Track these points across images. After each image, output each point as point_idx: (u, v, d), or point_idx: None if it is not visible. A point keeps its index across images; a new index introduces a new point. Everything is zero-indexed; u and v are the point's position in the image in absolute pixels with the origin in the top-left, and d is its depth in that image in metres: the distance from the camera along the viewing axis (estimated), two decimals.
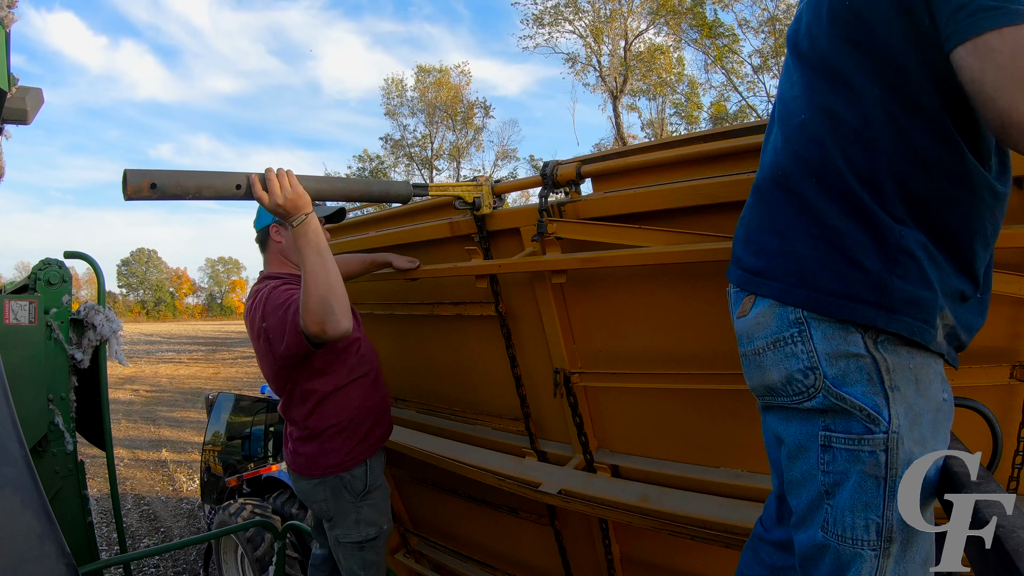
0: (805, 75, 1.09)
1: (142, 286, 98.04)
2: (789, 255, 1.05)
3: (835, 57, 1.02)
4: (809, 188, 1.04)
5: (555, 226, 1.91)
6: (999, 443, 1.10)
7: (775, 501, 1.37)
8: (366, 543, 2.13)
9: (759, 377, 1.12)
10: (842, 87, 1.01)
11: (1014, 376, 1.40)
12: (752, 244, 1.16)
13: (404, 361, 2.97)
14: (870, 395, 0.96)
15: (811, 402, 1.02)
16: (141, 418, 15.45)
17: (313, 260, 1.70)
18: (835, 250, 1.00)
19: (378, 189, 2.04)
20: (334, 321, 1.71)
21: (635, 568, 2.36)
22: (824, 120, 1.03)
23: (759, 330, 1.09)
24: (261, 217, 2.17)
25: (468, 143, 28.34)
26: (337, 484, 2.09)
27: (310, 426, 2.08)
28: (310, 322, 1.71)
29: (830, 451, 1.00)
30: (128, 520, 8.24)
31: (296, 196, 1.67)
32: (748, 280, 1.14)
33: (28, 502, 1.74)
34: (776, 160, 1.13)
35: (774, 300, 1.07)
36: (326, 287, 1.69)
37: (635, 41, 21.91)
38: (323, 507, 2.13)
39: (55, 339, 2.98)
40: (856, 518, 0.98)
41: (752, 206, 1.20)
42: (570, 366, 2.09)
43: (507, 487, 2.24)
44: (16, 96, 2.38)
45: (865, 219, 0.97)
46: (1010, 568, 0.70)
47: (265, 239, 2.17)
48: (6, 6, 2.10)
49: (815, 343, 1.00)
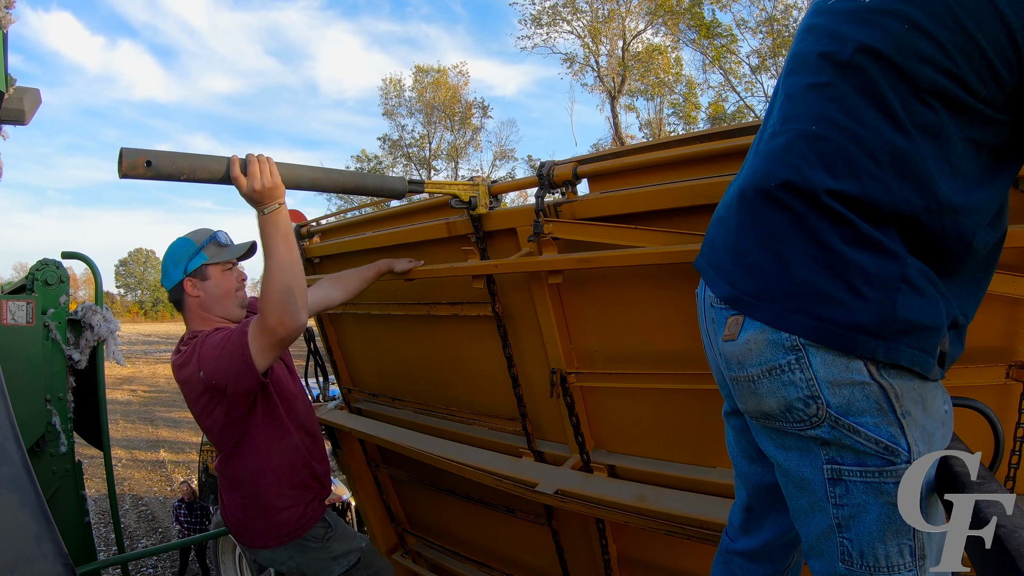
0: (837, 83, 0.99)
1: (140, 286, 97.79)
2: (785, 277, 0.98)
3: (877, 77, 0.94)
4: (811, 208, 0.97)
5: (551, 226, 1.91)
6: (1001, 442, 1.09)
7: (741, 511, 1.34)
8: (351, 570, 2.09)
9: (754, 403, 1.05)
10: (882, 114, 0.93)
11: (1010, 376, 1.40)
12: (741, 257, 1.08)
13: (401, 361, 2.96)
14: (884, 426, 0.92)
15: (814, 431, 0.96)
16: (139, 418, 15.43)
17: (281, 248, 1.67)
18: (836, 276, 0.93)
19: (373, 183, 2.02)
20: (294, 311, 1.67)
21: (632, 568, 2.36)
22: (846, 140, 0.95)
23: (750, 356, 1.02)
24: (169, 275, 2.03)
25: (466, 143, 28.38)
26: (300, 542, 2.01)
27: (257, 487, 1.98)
28: (270, 313, 1.66)
29: (841, 484, 0.96)
30: (126, 520, 8.22)
31: (273, 185, 1.65)
32: (738, 301, 1.06)
33: (26, 502, 1.74)
34: (773, 168, 1.04)
35: (767, 325, 1.00)
36: (291, 276, 1.67)
37: (633, 41, 21.96)
38: (291, 565, 2.04)
39: (53, 339, 2.98)
40: (889, 547, 0.95)
41: (739, 212, 1.10)
42: (567, 366, 2.09)
43: (504, 487, 2.24)
44: (14, 96, 2.37)
45: (869, 246, 0.92)
46: (1010, 568, 0.70)
47: (180, 296, 2.02)
48: (3, 6, 2.10)
49: (815, 371, 0.94)
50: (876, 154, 0.93)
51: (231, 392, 1.79)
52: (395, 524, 3.48)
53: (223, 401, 1.82)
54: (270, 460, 1.97)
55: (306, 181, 1.80)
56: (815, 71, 1.03)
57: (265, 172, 1.63)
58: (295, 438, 2.04)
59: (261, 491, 1.97)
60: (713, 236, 1.21)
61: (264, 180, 1.63)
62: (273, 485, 1.97)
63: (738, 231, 1.10)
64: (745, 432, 1.26)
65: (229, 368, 1.74)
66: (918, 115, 0.91)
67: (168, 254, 2.04)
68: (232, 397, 1.81)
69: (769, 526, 1.30)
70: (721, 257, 1.13)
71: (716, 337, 1.13)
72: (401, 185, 2.03)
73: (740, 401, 1.10)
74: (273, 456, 1.97)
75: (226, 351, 1.75)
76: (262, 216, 1.68)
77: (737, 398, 1.11)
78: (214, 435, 1.95)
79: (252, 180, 1.62)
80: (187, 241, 2.02)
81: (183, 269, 1.99)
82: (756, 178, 1.07)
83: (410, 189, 2.05)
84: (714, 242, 1.18)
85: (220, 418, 1.88)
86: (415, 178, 2.09)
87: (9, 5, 2.12)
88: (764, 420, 1.06)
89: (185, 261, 1.99)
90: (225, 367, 1.75)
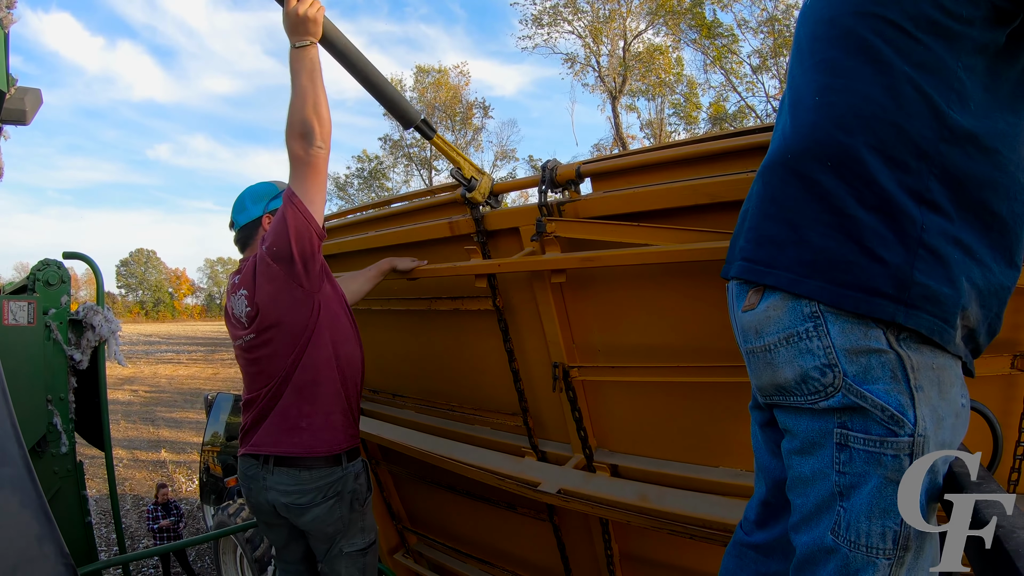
0: (820, 52, 1.04)
1: (141, 287, 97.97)
2: (800, 244, 0.99)
3: (863, 33, 0.98)
4: (824, 172, 0.97)
5: (554, 225, 1.91)
6: (999, 443, 1.10)
7: (758, 506, 1.34)
8: (369, 548, 2.12)
9: (769, 376, 1.05)
10: (869, 64, 0.97)
11: (1015, 366, 1.40)
12: (753, 232, 1.09)
13: (402, 357, 2.97)
14: (894, 394, 0.90)
15: (827, 402, 0.95)
16: (140, 418, 15.44)
17: (304, 83, 1.76)
18: (852, 240, 0.93)
19: (391, 92, 2.04)
20: (312, 137, 1.76)
21: (634, 565, 2.36)
22: (845, 99, 0.98)
23: (769, 324, 1.02)
24: (247, 210, 2.11)
25: (467, 143, 28.33)
26: (351, 497, 2.02)
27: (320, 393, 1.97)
28: (291, 137, 1.77)
29: (847, 450, 0.94)
30: (127, 521, 8.23)
31: (314, 19, 1.76)
32: (750, 270, 1.07)
33: (27, 503, 1.74)
34: (785, 143, 1.06)
35: (785, 292, 1.00)
36: (313, 107, 1.75)
37: (634, 41, 21.94)
38: (339, 526, 2.02)
39: (54, 340, 2.98)
40: (873, 525, 0.92)
41: (756, 195, 1.12)
42: (568, 362, 2.09)
43: (507, 487, 2.24)
44: (15, 96, 2.37)
45: (886, 208, 0.92)
46: (1010, 568, 0.70)
47: (253, 232, 2.10)
48: (5, 7, 2.10)
49: (832, 338, 0.94)
50: (881, 100, 0.94)
51: (297, 252, 1.83)
52: (396, 522, 3.48)
53: (293, 268, 1.85)
54: (339, 361, 2.00)
55: (340, 45, 1.88)
56: (808, 53, 1.09)
57: (315, 6, 1.76)
58: (357, 353, 2.09)
59: (323, 390, 1.97)
60: (736, 232, 1.22)
61: (310, 10, 1.74)
62: (338, 382, 1.99)
63: (754, 212, 1.12)
64: (769, 426, 1.25)
65: (286, 226, 1.81)
66: (911, 54, 0.94)
67: (248, 192, 2.16)
68: (300, 258, 1.84)
69: (785, 521, 1.30)
70: (741, 244, 1.15)
71: (736, 311, 1.14)
72: (414, 114, 2.06)
73: (756, 376, 1.10)
74: (342, 359, 2.00)
75: (279, 217, 1.85)
76: (293, 50, 1.79)
77: (753, 374, 1.11)
78: (285, 332, 1.92)
79: (301, 4, 1.74)
80: (271, 184, 2.16)
81: (264, 207, 2.11)
82: (771, 156, 1.11)
83: (421, 125, 2.08)
84: (736, 237, 1.21)
85: (296, 295, 1.89)
86: (429, 122, 2.11)
87: (10, 5, 2.12)
88: (779, 396, 1.05)
89: (267, 200, 2.11)
90: (282, 227, 1.82)
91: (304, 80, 1.76)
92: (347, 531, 2.06)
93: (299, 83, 1.76)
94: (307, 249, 1.84)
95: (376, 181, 30.01)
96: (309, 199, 1.82)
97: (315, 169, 1.80)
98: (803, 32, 1.14)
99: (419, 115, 2.06)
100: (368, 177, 30.13)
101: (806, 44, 1.10)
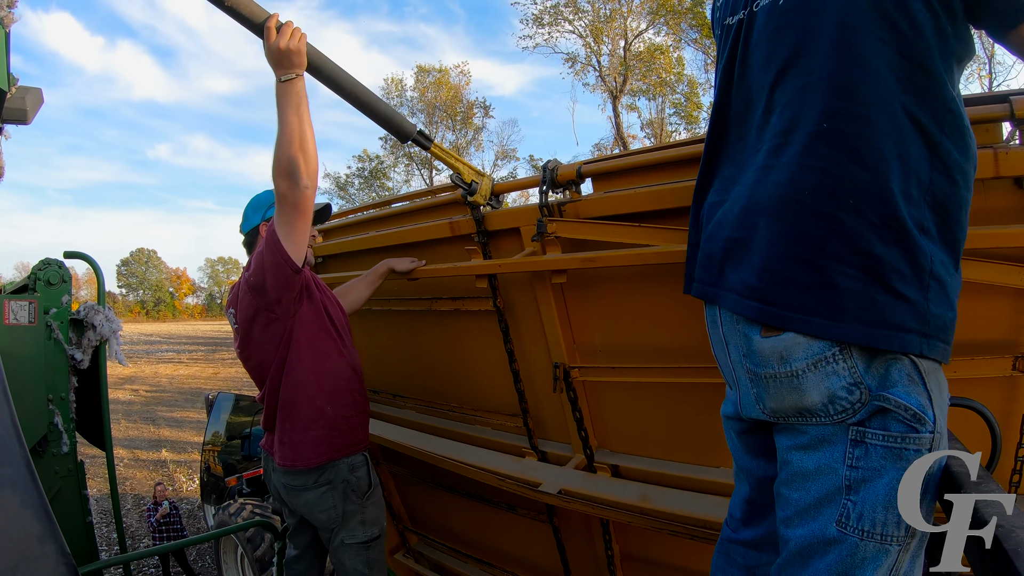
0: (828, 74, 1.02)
1: (142, 286, 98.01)
2: (825, 287, 0.99)
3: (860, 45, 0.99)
4: (845, 210, 0.97)
5: (555, 226, 1.91)
6: (998, 443, 1.10)
7: (742, 504, 1.36)
8: (372, 542, 2.15)
9: (794, 400, 1.04)
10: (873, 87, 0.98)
11: (1016, 368, 1.40)
12: (769, 273, 1.05)
13: (402, 357, 2.97)
14: (914, 395, 0.95)
15: (856, 417, 0.98)
16: (141, 418, 15.45)
17: (291, 118, 1.74)
18: (876, 280, 0.96)
19: (384, 110, 2.01)
20: (298, 177, 1.75)
21: (635, 566, 2.36)
22: (855, 127, 0.98)
23: (798, 350, 1.01)
24: (249, 219, 2.20)
25: (468, 143, 28.33)
26: (344, 487, 2.09)
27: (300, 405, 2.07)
28: (278, 174, 1.76)
29: (862, 446, 0.97)
30: (128, 520, 8.23)
31: (298, 51, 1.73)
32: (770, 314, 1.05)
33: (28, 502, 1.74)
34: (797, 176, 1.03)
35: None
36: (300, 144, 1.74)
37: (635, 41, 21.93)
38: (331, 514, 2.11)
39: (55, 339, 2.98)
40: (890, 515, 0.96)
41: (764, 228, 1.07)
42: (569, 362, 2.09)
43: (507, 487, 2.24)
44: (16, 96, 2.37)
45: (903, 244, 0.95)
46: (1010, 568, 0.70)
47: (254, 240, 2.19)
48: (6, 6, 2.10)
49: (855, 359, 0.97)
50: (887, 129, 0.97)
51: (271, 287, 1.90)
52: (396, 522, 3.48)
53: (266, 298, 1.93)
54: (318, 378, 2.07)
55: (326, 71, 1.84)
56: (804, 71, 1.06)
57: (296, 37, 1.72)
58: (342, 366, 2.14)
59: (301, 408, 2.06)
60: (709, 255, 1.20)
61: (291, 43, 1.71)
62: (318, 398, 2.07)
63: (761, 247, 1.07)
64: (748, 434, 1.27)
65: (262, 264, 1.88)
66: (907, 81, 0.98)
67: (252, 202, 2.24)
68: (274, 292, 1.92)
69: (772, 517, 1.31)
70: (742, 277, 1.11)
71: (747, 335, 1.12)
72: (409, 128, 2.04)
73: (775, 400, 1.08)
74: (321, 375, 2.07)
75: (258, 252, 1.92)
76: (279, 84, 1.76)
77: (771, 399, 1.09)
78: (263, 351, 2.04)
79: (281, 37, 1.70)
80: (271, 192, 2.15)
81: (262, 215, 2.17)
82: (780, 189, 1.06)
83: (417, 137, 2.06)
84: (713, 262, 1.19)
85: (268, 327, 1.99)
86: (425, 132, 2.09)
87: (11, 4, 2.12)
88: (796, 417, 1.05)
89: (265, 208, 2.18)
90: (259, 264, 1.90)
91: (291, 115, 1.75)
92: (346, 522, 2.12)
93: (285, 118, 1.75)
94: (281, 284, 1.91)
95: (377, 181, 30.00)
96: (292, 239, 1.86)
97: (299, 210, 1.82)
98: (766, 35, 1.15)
99: (414, 128, 2.04)
100: (369, 177, 30.13)
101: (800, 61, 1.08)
